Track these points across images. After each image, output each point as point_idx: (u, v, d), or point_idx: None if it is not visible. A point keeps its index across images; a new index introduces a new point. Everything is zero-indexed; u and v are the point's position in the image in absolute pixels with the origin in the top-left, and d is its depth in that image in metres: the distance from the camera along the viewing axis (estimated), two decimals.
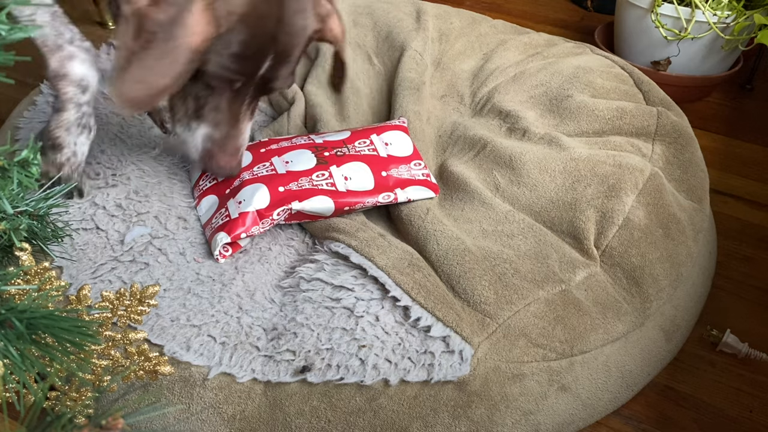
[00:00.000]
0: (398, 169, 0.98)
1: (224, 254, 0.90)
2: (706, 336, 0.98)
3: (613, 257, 0.91)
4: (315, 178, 0.94)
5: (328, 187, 0.93)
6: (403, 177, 0.97)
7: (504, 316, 0.82)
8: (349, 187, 0.94)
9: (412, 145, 1.03)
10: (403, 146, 1.02)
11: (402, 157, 1.00)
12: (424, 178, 0.98)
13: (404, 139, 1.03)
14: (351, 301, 0.82)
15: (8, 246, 0.67)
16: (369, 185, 0.95)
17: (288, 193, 0.92)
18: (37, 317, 0.48)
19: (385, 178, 0.96)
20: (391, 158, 0.99)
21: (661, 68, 1.56)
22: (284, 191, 0.93)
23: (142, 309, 0.68)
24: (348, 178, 0.95)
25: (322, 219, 0.94)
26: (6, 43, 0.45)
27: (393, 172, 0.97)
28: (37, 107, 1.12)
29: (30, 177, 0.55)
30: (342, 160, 0.97)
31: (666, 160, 1.06)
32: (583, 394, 0.83)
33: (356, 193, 0.94)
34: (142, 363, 0.70)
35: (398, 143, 1.02)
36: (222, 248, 0.89)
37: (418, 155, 1.02)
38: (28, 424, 0.45)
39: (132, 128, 1.10)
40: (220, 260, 0.90)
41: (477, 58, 1.34)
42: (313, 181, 0.94)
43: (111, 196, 0.96)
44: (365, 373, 0.77)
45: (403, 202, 0.96)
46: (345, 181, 0.95)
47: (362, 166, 0.97)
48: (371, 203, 0.94)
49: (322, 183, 0.94)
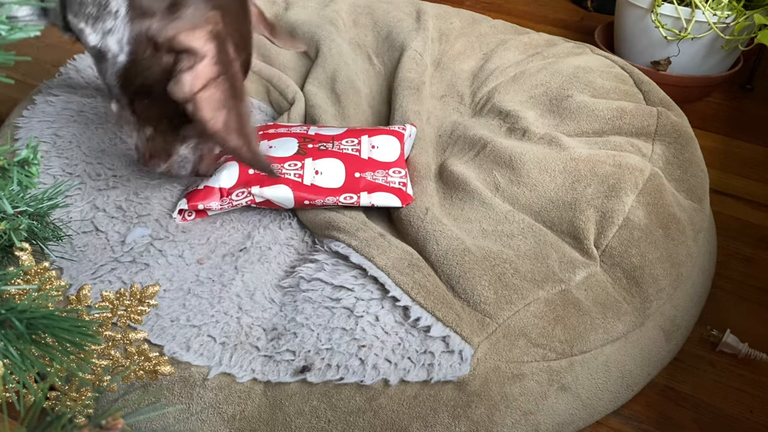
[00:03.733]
0: (374, 173, 0.97)
1: (186, 218, 0.95)
2: (706, 336, 0.98)
3: (613, 257, 0.91)
4: (286, 167, 0.96)
5: (294, 178, 0.94)
6: (376, 182, 0.97)
7: (504, 316, 0.82)
8: (315, 181, 0.95)
9: (400, 152, 1.02)
10: (389, 152, 1.01)
11: (383, 162, 0.99)
12: (399, 186, 0.97)
13: (394, 144, 1.02)
14: (351, 301, 0.82)
15: (8, 246, 0.67)
16: (337, 184, 0.95)
17: (254, 177, 0.94)
18: (37, 317, 0.48)
19: (356, 179, 0.96)
20: (372, 161, 0.99)
21: (661, 68, 1.56)
22: (253, 174, 0.95)
23: (142, 309, 0.68)
24: (318, 172, 0.96)
25: (315, 209, 0.95)
26: (6, 43, 0.45)
27: (367, 175, 0.97)
28: (36, 107, 1.11)
29: (30, 177, 0.55)
30: (321, 154, 0.98)
31: (666, 160, 1.06)
32: (583, 394, 0.83)
33: (319, 189, 0.94)
34: (142, 363, 0.70)
35: (386, 148, 1.01)
36: (180, 212, 0.95)
37: (401, 163, 1.01)
38: (28, 424, 0.45)
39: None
40: (178, 221, 0.94)
41: (477, 58, 1.34)
42: (283, 169, 0.95)
43: (111, 198, 0.96)
44: (365, 373, 0.77)
45: (365, 206, 0.96)
46: (314, 176, 0.95)
47: (337, 164, 0.97)
48: (332, 202, 0.94)
49: (291, 173, 0.95)
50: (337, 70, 1.24)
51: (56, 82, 1.18)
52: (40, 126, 1.07)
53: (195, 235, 0.94)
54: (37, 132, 1.05)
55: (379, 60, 1.33)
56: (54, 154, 1.02)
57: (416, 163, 1.04)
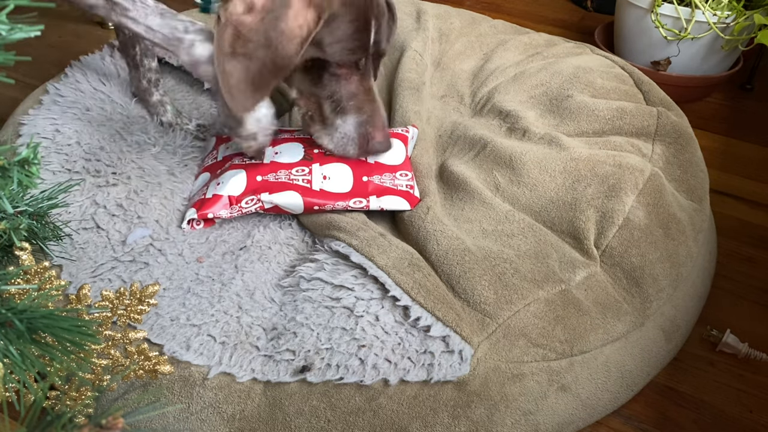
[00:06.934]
0: (382, 177, 0.97)
1: (194, 226, 0.95)
2: (706, 336, 0.98)
3: (613, 257, 0.91)
4: (294, 173, 0.95)
5: (303, 184, 0.94)
6: (384, 185, 0.96)
7: (504, 316, 0.82)
8: (324, 186, 0.94)
9: (405, 155, 1.02)
10: (395, 154, 1.01)
11: (390, 166, 0.99)
12: (407, 189, 0.97)
13: (399, 147, 1.02)
14: (351, 300, 0.82)
15: (8, 245, 0.67)
16: (345, 188, 0.95)
17: (263, 184, 0.94)
18: (37, 317, 0.48)
19: (364, 183, 0.96)
20: (378, 165, 0.99)
21: (661, 68, 1.56)
22: (261, 181, 0.94)
23: (142, 308, 0.68)
24: (327, 177, 0.95)
25: (318, 213, 0.94)
26: (6, 43, 0.45)
27: (375, 178, 0.97)
28: (42, 106, 1.11)
29: (30, 177, 0.55)
30: (327, 159, 0.97)
31: (666, 160, 1.06)
32: (582, 394, 0.83)
33: (329, 194, 0.94)
34: (141, 362, 0.70)
35: (391, 151, 1.01)
36: (189, 222, 0.94)
37: (407, 166, 1.01)
38: (28, 423, 0.45)
39: (134, 125, 1.09)
40: (187, 230, 0.94)
41: (477, 58, 1.34)
42: (291, 175, 0.94)
43: (112, 195, 0.96)
44: (365, 373, 0.77)
45: (374, 210, 0.95)
46: (322, 181, 0.95)
47: (345, 169, 0.96)
48: (341, 206, 0.94)
49: (299, 179, 0.94)
50: None
51: (63, 82, 1.18)
52: (44, 124, 1.06)
53: (194, 233, 0.94)
54: (39, 129, 1.05)
55: None
56: (53, 150, 1.02)
57: (417, 163, 1.04)
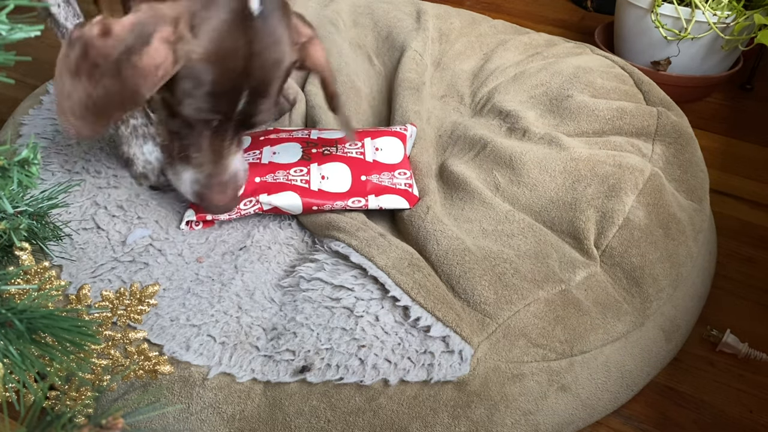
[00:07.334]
0: (380, 175, 0.97)
1: (193, 227, 0.94)
2: (706, 336, 0.98)
3: (613, 257, 0.91)
4: (292, 173, 0.95)
5: (301, 184, 0.94)
6: (382, 184, 0.96)
7: (504, 316, 0.82)
8: (323, 186, 0.94)
9: (404, 153, 1.02)
10: (393, 153, 1.01)
11: (388, 164, 0.99)
12: (405, 188, 0.97)
13: (397, 146, 1.02)
14: (351, 300, 0.82)
15: (8, 246, 0.67)
16: (344, 188, 0.95)
17: (261, 185, 0.94)
18: (37, 317, 0.48)
19: (363, 182, 0.96)
20: (377, 164, 0.99)
21: (661, 68, 1.56)
22: (259, 182, 0.94)
23: (142, 308, 0.68)
24: (325, 177, 0.95)
25: (315, 214, 0.94)
26: (6, 43, 0.45)
27: (373, 177, 0.97)
28: (42, 106, 1.12)
29: (30, 177, 0.55)
30: (326, 159, 0.97)
31: (666, 160, 1.06)
32: (582, 394, 0.83)
33: (327, 194, 0.94)
34: (141, 362, 0.70)
35: (389, 150, 1.01)
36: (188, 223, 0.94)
37: (406, 164, 1.01)
38: (28, 423, 0.45)
39: None
40: (185, 231, 0.93)
41: (477, 58, 1.34)
42: (289, 176, 0.94)
43: (112, 196, 0.96)
44: (365, 373, 0.77)
45: (374, 209, 0.95)
46: (321, 181, 0.95)
47: (343, 168, 0.96)
48: (340, 206, 0.94)
49: (297, 179, 0.94)
50: (337, 71, 1.23)
51: None
52: (44, 124, 1.07)
53: (194, 233, 0.94)
54: (39, 129, 1.05)
55: (379, 60, 1.33)
56: (53, 150, 1.02)
57: (417, 162, 1.04)
